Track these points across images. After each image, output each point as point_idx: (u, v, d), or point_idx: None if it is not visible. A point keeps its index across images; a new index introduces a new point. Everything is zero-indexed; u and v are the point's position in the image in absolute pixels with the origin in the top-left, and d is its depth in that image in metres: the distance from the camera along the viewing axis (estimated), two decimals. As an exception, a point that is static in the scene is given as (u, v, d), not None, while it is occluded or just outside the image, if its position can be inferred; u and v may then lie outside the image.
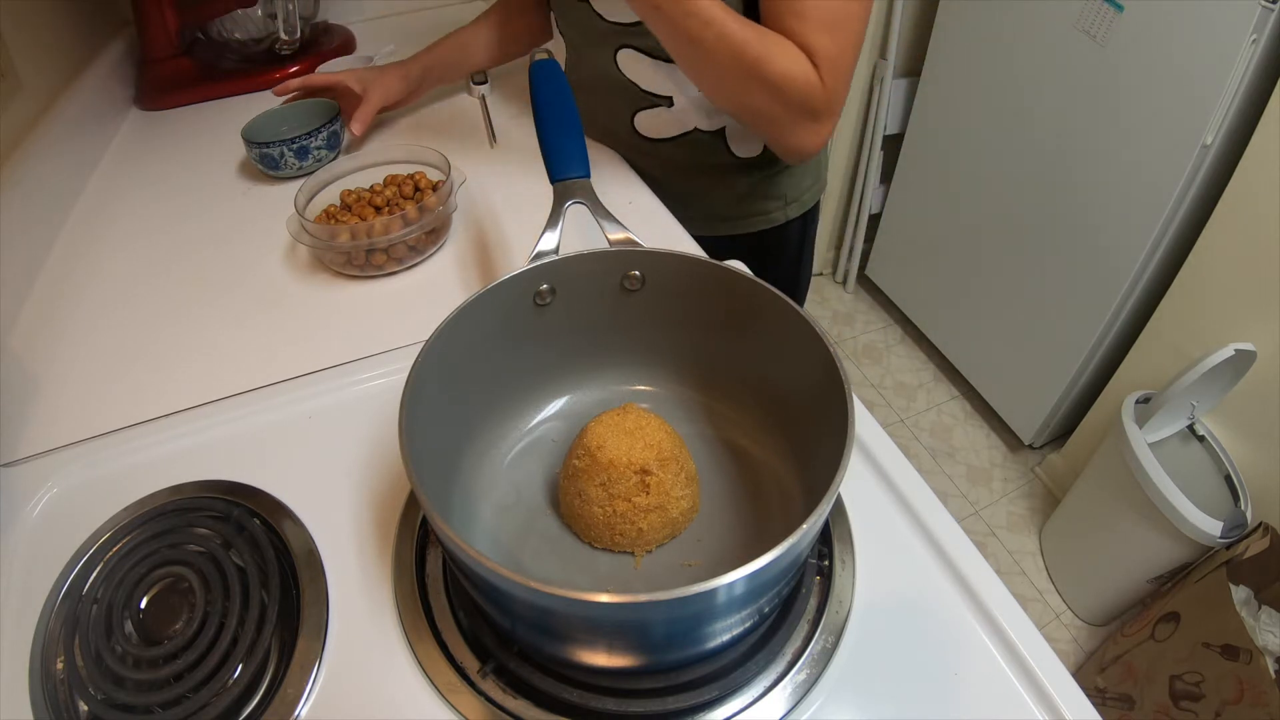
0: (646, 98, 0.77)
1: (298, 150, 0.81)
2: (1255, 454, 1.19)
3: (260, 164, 0.82)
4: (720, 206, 0.84)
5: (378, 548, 0.47)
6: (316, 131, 0.82)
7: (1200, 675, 1.02)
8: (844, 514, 0.48)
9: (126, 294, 0.69)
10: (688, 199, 0.81)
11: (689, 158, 0.80)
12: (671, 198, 0.80)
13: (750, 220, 0.86)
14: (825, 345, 0.42)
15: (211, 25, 1.01)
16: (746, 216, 0.85)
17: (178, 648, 0.41)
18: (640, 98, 0.77)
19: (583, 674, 0.40)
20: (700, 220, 0.80)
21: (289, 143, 0.81)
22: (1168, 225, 1.24)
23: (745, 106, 0.66)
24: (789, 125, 0.66)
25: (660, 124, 0.79)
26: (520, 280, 0.48)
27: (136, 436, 0.55)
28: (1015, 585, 1.47)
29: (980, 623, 0.44)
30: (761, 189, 0.84)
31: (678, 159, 0.81)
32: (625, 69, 0.76)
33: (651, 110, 0.78)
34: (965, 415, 1.79)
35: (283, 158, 0.81)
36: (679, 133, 0.79)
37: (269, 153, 0.81)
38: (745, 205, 0.85)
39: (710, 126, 0.78)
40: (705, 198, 0.84)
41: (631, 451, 0.44)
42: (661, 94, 0.76)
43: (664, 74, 0.74)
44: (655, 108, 0.77)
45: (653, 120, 0.79)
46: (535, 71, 0.62)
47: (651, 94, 0.77)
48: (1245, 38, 1.02)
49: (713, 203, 0.84)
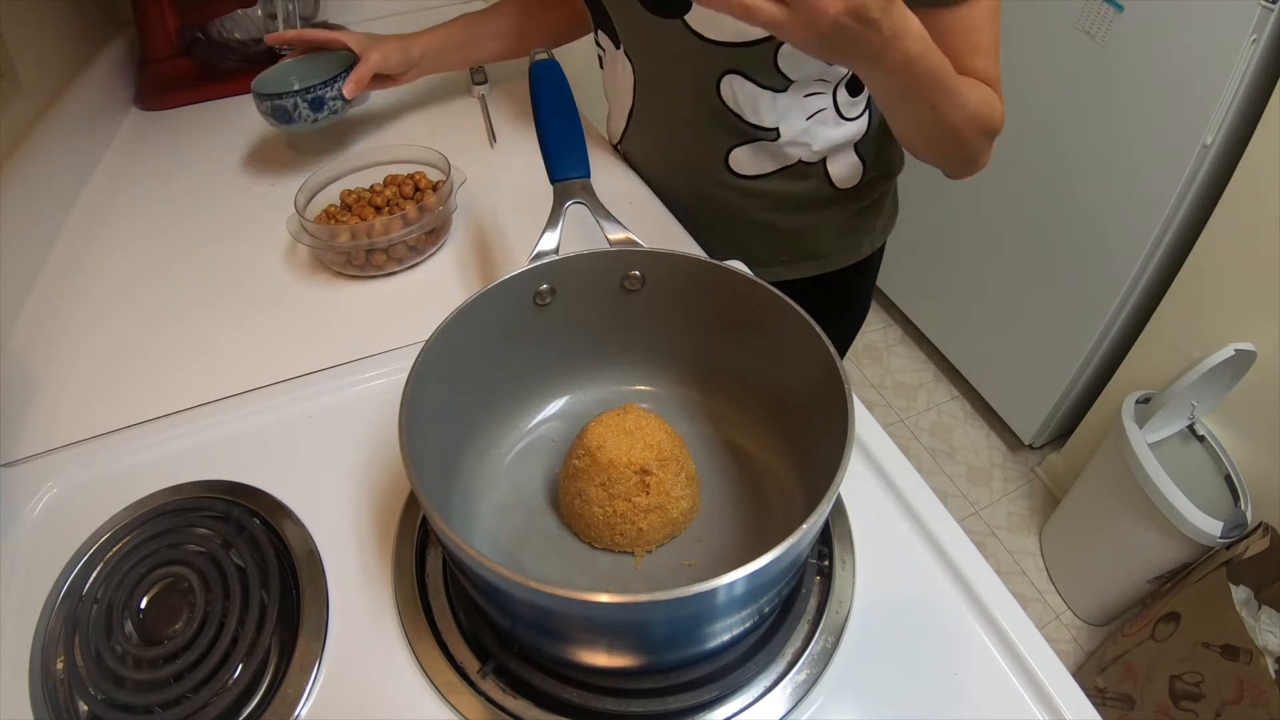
0: (749, 131, 0.69)
1: (312, 101, 0.76)
2: (1255, 454, 1.19)
3: (272, 116, 0.78)
4: (818, 243, 0.78)
5: (378, 548, 0.47)
6: (332, 81, 0.77)
7: (1200, 675, 1.02)
8: (844, 514, 0.48)
9: (126, 294, 0.69)
10: (781, 239, 0.76)
11: (788, 193, 0.73)
12: (763, 239, 0.75)
13: (840, 256, 0.79)
14: (825, 345, 0.42)
15: (211, 25, 1.01)
16: (839, 252, 0.79)
17: (178, 648, 0.41)
18: (742, 131, 0.69)
19: (583, 674, 0.40)
20: (787, 262, 0.76)
21: (303, 93, 0.76)
22: (1168, 225, 1.23)
23: (949, 153, 0.62)
24: (979, 154, 0.63)
25: (759, 159, 0.71)
26: (520, 280, 0.48)
27: (136, 436, 0.55)
28: (1015, 585, 1.47)
29: (980, 623, 0.44)
30: (856, 222, 0.78)
31: (776, 195, 0.73)
32: (729, 98, 0.67)
33: (751, 145, 0.70)
34: (965, 415, 1.79)
35: (296, 109, 0.76)
36: (778, 167, 0.72)
37: (282, 104, 0.76)
38: (841, 240, 0.78)
39: (813, 158, 0.71)
40: (802, 235, 0.77)
41: (631, 451, 0.44)
42: (768, 126, 0.68)
43: (773, 103, 0.67)
44: (756, 141, 0.70)
45: (751, 155, 0.71)
46: (535, 71, 0.62)
47: (757, 126, 0.68)
48: (1245, 38, 1.02)
49: (808, 240, 0.77)
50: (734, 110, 0.68)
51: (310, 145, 0.89)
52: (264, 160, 0.87)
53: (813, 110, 0.68)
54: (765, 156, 0.71)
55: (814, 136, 0.69)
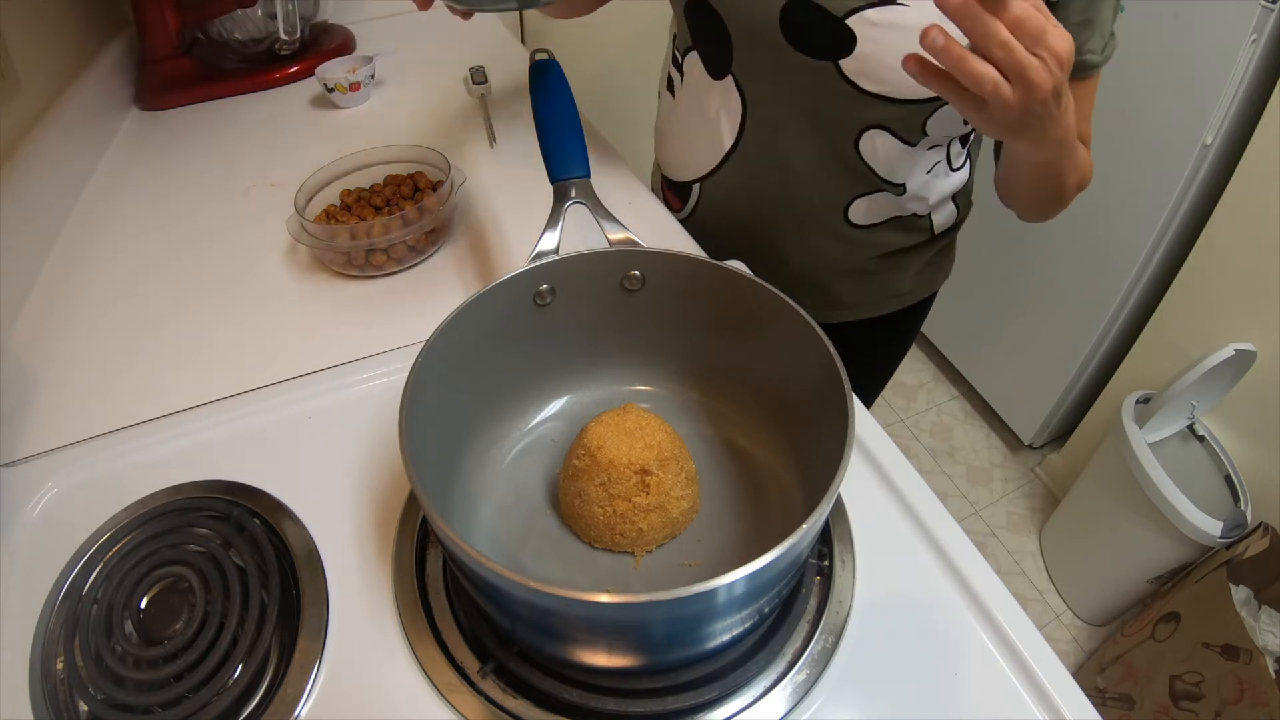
0: (876, 183, 0.66)
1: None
2: (1255, 454, 1.19)
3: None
4: (902, 283, 0.77)
5: (378, 548, 0.47)
6: None
7: (1200, 675, 1.02)
8: (844, 514, 0.48)
9: (126, 293, 0.69)
10: (871, 282, 0.75)
11: (894, 240, 0.72)
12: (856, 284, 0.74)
13: (920, 291, 0.79)
14: (825, 345, 0.42)
15: (211, 25, 1.01)
16: (919, 288, 0.79)
17: (178, 648, 0.41)
18: (870, 183, 0.66)
19: (583, 674, 0.40)
20: (871, 303, 0.75)
21: None
22: (1168, 225, 1.24)
23: (1048, 209, 0.65)
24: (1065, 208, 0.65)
25: (877, 209, 0.69)
26: (520, 280, 0.48)
27: (136, 436, 0.55)
28: (1015, 585, 1.47)
29: (980, 623, 0.44)
30: (937, 260, 0.78)
31: (884, 245, 0.72)
32: (868, 153, 0.63)
33: (872, 195, 0.67)
34: (965, 415, 1.79)
35: None
36: (891, 216, 0.70)
37: None
38: (920, 278, 0.78)
39: (926, 210, 0.70)
40: (893, 274, 0.75)
41: (631, 451, 0.44)
42: (897, 181, 0.66)
43: (909, 159, 0.64)
44: (879, 193, 0.67)
45: (870, 206, 0.68)
46: (535, 71, 0.62)
47: (887, 181, 0.66)
48: (1245, 38, 1.02)
49: (896, 280, 0.76)
50: (869, 164, 0.64)
51: (310, 145, 0.89)
52: (264, 160, 0.87)
53: (931, 164, 0.67)
54: (884, 207, 0.68)
55: (931, 189, 0.68)
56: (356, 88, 0.95)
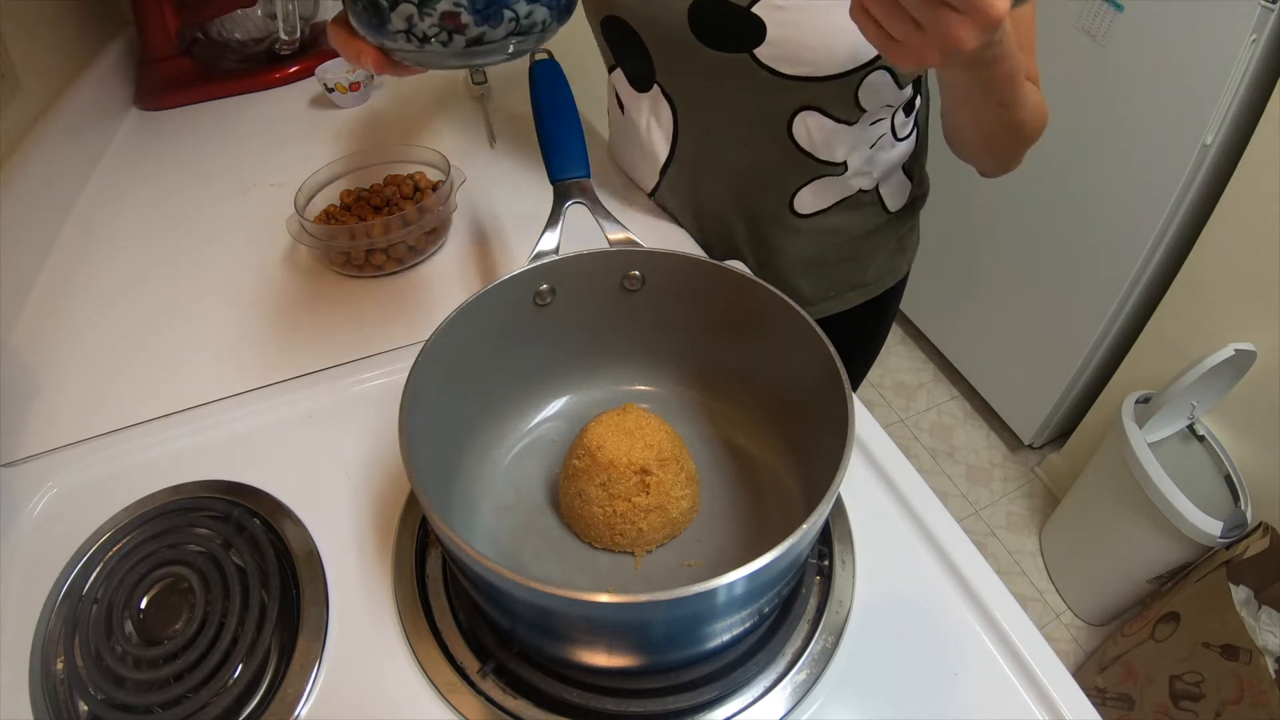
0: (818, 169, 0.65)
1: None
2: (1255, 454, 1.19)
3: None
4: (866, 272, 0.75)
5: (378, 548, 0.47)
6: None
7: (1200, 675, 1.02)
8: (844, 514, 0.48)
9: (126, 294, 0.69)
10: (831, 274, 0.73)
11: (847, 224, 0.70)
12: (816, 277, 0.72)
13: (885, 280, 0.77)
14: (825, 345, 0.42)
15: (211, 25, 1.01)
16: (883, 277, 0.77)
17: (178, 648, 0.41)
18: (811, 169, 0.65)
19: (583, 674, 0.40)
20: (835, 296, 0.74)
21: None
22: (1168, 225, 1.23)
23: (1001, 150, 0.60)
24: (1023, 152, 0.61)
25: (823, 195, 0.68)
26: (520, 280, 0.48)
27: (136, 436, 0.55)
28: (1015, 585, 1.47)
29: (980, 623, 0.44)
30: (899, 243, 0.76)
31: (833, 229, 0.70)
32: (802, 137, 0.63)
33: (817, 181, 0.66)
34: (965, 415, 1.79)
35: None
36: (839, 199, 0.68)
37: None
38: (885, 264, 0.76)
39: (871, 185, 0.68)
40: (852, 266, 0.74)
41: (631, 451, 0.44)
42: (836, 160, 0.65)
43: (843, 137, 0.63)
44: (823, 178, 0.66)
45: (816, 192, 0.67)
46: (535, 71, 0.62)
47: (827, 163, 0.65)
48: (1245, 38, 1.02)
49: (857, 270, 0.75)
50: (806, 149, 0.64)
51: (310, 145, 0.89)
52: (264, 160, 0.87)
53: (875, 137, 0.65)
54: (828, 191, 0.67)
55: (875, 163, 0.67)
56: (356, 88, 0.95)
